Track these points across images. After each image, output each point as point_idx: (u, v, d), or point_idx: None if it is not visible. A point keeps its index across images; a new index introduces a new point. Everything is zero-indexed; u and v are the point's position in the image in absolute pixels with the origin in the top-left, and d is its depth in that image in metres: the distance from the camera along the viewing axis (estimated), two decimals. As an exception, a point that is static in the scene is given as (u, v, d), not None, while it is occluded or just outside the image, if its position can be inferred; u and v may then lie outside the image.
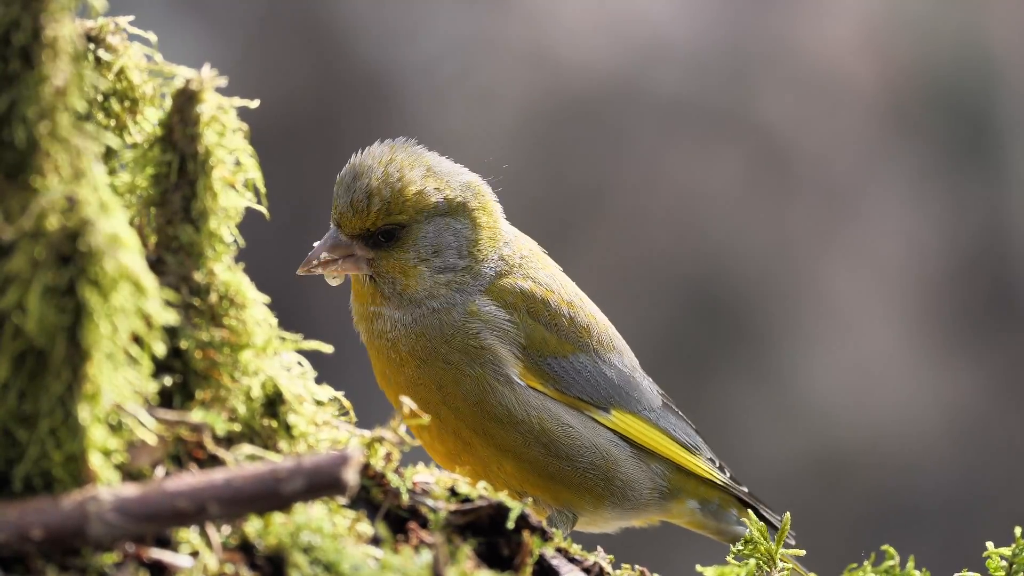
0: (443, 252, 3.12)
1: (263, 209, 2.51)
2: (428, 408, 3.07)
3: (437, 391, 3.08)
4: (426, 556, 2.42)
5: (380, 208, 3.07)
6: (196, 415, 2.38)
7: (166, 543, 2.31)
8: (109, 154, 2.53)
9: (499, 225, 3.18)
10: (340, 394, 2.59)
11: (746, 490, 3.27)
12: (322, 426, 2.52)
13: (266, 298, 2.49)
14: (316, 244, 3.11)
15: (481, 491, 2.56)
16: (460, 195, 3.13)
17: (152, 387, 2.35)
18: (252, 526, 2.35)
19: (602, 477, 3.14)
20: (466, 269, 3.12)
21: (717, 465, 3.26)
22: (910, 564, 2.78)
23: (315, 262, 3.10)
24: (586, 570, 2.67)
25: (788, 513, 2.98)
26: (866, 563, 2.77)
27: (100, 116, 2.57)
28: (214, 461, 2.40)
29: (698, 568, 2.76)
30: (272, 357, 2.47)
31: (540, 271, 3.18)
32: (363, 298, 3.14)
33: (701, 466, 3.22)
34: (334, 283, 3.16)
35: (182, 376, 2.41)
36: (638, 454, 3.19)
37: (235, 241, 2.47)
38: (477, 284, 3.12)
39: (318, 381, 2.54)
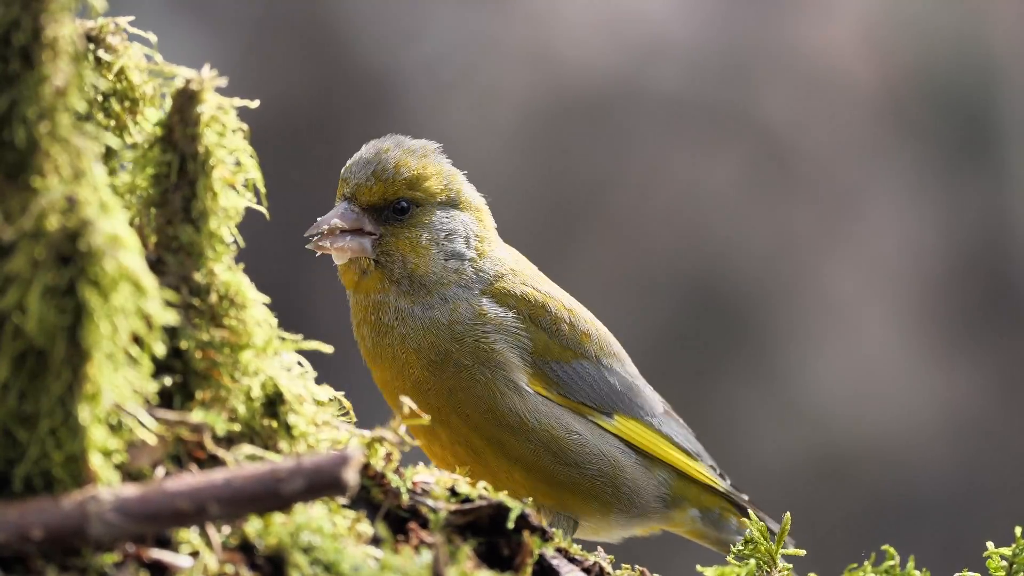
0: (454, 238, 3.11)
1: (263, 209, 2.51)
2: (438, 416, 3.05)
3: (448, 397, 3.05)
4: (426, 556, 2.42)
5: (407, 179, 3.08)
6: (196, 415, 2.38)
7: (166, 543, 2.31)
8: (109, 154, 2.53)
9: (494, 233, 3.20)
10: (340, 394, 2.59)
11: (747, 498, 3.27)
12: (322, 426, 2.52)
13: (266, 298, 2.49)
14: (320, 218, 3.08)
15: (481, 491, 2.56)
16: (469, 194, 3.17)
17: (152, 387, 2.35)
18: (252, 526, 2.35)
19: (610, 484, 3.13)
20: (471, 261, 3.12)
21: (718, 472, 3.26)
22: (910, 564, 2.78)
23: (325, 228, 3.05)
24: (586, 570, 2.66)
25: (788, 514, 2.97)
26: (866, 563, 2.77)
27: (100, 116, 2.57)
28: (214, 461, 2.40)
29: (698, 568, 2.76)
30: (272, 357, 2.47)
31: (533, 279, 3.18)
32: (368, 288, 3.10)
33: (703, 472, 3.22)
34: (339, 261, 3.10)
35: (182, 376, 2.41)
36: (643, 461, 3.18)
37: (235, 241, 2.47)
38: (479, 282, 3.11)
39: (318, 381, 2.54)
